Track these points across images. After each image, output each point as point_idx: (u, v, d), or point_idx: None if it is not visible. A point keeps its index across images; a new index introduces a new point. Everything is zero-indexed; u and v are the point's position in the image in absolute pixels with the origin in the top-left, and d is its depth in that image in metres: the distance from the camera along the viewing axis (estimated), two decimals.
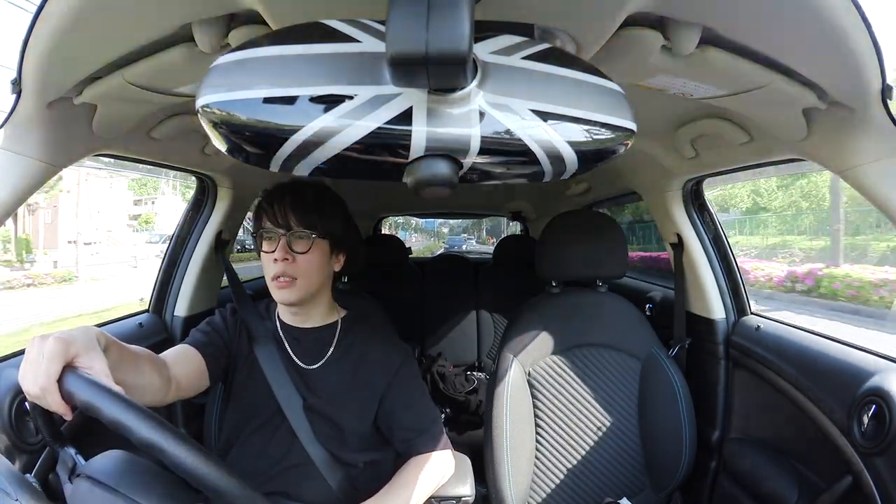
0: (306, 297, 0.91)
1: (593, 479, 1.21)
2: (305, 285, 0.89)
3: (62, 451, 0.58)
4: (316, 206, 0.89)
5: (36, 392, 0.51)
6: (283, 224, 0.87)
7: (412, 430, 0.93)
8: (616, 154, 0.46)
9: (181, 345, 0.89)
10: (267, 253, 0.88)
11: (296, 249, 0.87)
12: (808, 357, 1.03)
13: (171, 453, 0.48)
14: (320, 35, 0.41)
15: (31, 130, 0.71)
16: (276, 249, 0.87)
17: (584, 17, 0.53)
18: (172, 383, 0.78)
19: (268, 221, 0.88)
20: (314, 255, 0.89)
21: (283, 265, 0.87)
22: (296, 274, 0.88)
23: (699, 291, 1.32)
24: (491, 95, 0.42)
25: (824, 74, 0.64)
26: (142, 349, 0.74)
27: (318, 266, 0.90)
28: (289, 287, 0.88)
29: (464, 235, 18.37)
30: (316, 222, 0.88)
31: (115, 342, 0.64)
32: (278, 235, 0.87)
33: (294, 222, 0.87)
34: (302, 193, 0.90)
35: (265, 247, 0.89)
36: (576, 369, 1.24)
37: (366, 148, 0.41)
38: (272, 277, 0.88)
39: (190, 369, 0.84)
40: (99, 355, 0.56)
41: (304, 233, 0.88)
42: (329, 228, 0.90)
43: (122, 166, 14.87)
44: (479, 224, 18.05)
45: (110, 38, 0.59)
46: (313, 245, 0.88)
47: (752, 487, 1.12)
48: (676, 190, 1.30)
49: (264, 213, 0.89)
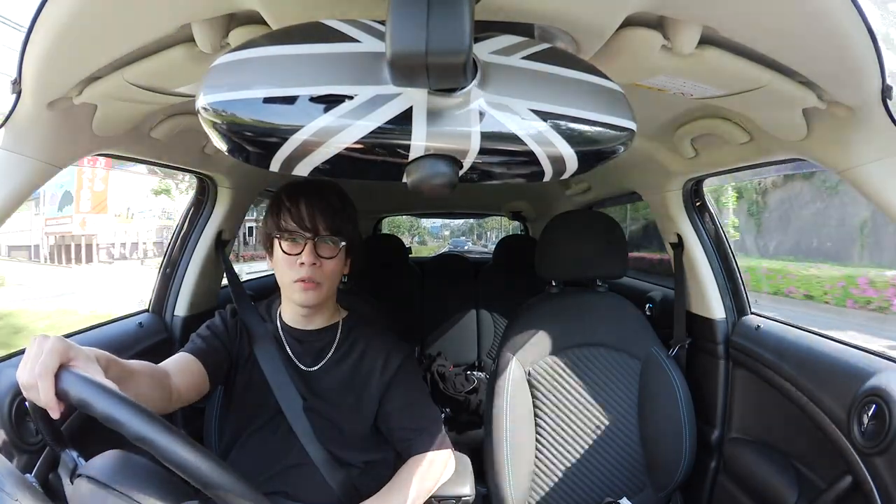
0: (324, 300, 0.92)
1: (593, 479, 1.21)
2: (327, 289, 0.90)
3: (64, 454, 0.59)
4: (342, 212, 0.88)
5: (31, 381, 0.51)
6: (311, 228, 0.86)
7: (412, 430, 0.93)
8: (616, 154, 0.46)
9: (181, 353, 0.88)
10: (290, 255, 0.87)
11: (322, 254, 0.86)
12: (808, 357, 1.03)
13: (162, 447, 0.48)
14: (320, 35, 0.41)
15: (31, 130, 0.71)
16: (303, 253, 0.85)
17: (584, 17, 0.53)
18: (174, 394, 0.78)
19: (292, 222, 0.86)
20: (338, 260, 0.89)
21: (310, 269, 0.85)
22: (321, 279, 0.87)
23: (699, 291, 1.32)
24: (491, 95, 0.42)
25: (824, 74, 0.63)
26: (141, 363, 0.73)
27: (339, 271, 0.90)
28: (314, 290, 0.87)
29: (463, 238, 19.41)
30: (342, 228, 0.88)
31: (114, 361, 0.64)
32: (304, 239, 0.86)
33: (323, 227, 0.86)
34: (327, 197, 0.88)
35: (287, 248, 0.87)
36: (576, 369, 1.24)
37: (366, 148, 0.41)
38: (295, 279, 0.86)
39: (190, 378, 0.84)
40: (97, 368, 0.57)
41: (333, 239, 0.87)
42: (352, 233, 0.90)
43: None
44: (473, 228, 19.25)
45: (110, 38, 0.59)
46: (339, 251, 0.88)
47: (752, 487, 1.12)
48: (676, 190, 1.30)
49: (287, 212, 0.86)
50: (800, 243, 9.14)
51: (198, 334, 0.94)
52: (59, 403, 0.52)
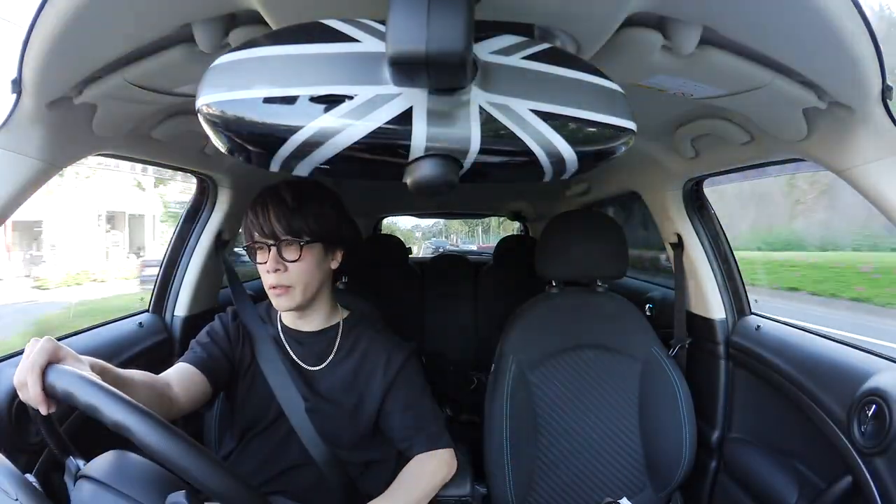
0: (305, 302, 0.90)
1: (593, 479, 1.21)
2: (302, 291, 0.87)
3: (68, 461, 0.59)
4: (299, 209, 0.86)
5: (21, 380, 0.53)
6: (270, 233, 0.85)
7: (415, 430, 0.92)
8: (616, 154, 0.46)
9: (181, 363, 0.87)
10: (260, 264, 0.87)
11: (287, 258, 0.85)
12: (808, 357, 1.03)
13: (141, 436, 0.48)
14: (320, 35, 0.41)
15: (31, 130, 0.71)
16: (268, 261, 0.85)
17: (584, 17, 0.53)
18: (174, 404, 0.78)
19: (255, 233, 0.86)
20: (306, 261, 0.86)
21: (276, 276, 0.85)
22: (290, 282, 0.86)
23: (699, 291, 1.32)
24: (491, 95, 0.42)
25: (824, 74, 0.63)
26: (140, 373, 0.73)
27: (311, 270, 0.88)
28: (285, 294, 0.86)
29: (444, 239, 20.46)
30: (302, 226, 0.86)
31: (110, 369, 0.64)
32: (267, 246, 0.85)
33: (280, 231, 0.85)
34: (282, 198, 0.86)
35: (258, 258, 0.87)
36: (575, 369, 1.24)
37: (366, 148, 0.41)
38: (269, 287, 0.87)
39: (192, 388, 0.83)
40: (85, 367, 0.57)
41: (292, 240, 0.85)
42: (318, 230, 0.87)
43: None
44: (442, 231, 19.89)
45: (110, 38, 0.59)
46: (303, 251, 0.86)
47: (752, 487, 1.12)
48: (676, 190, 1.30)
49: (251, 224, 0.87)
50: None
51: (198, 342, 0.93)
52: (48, 400, 0.53)
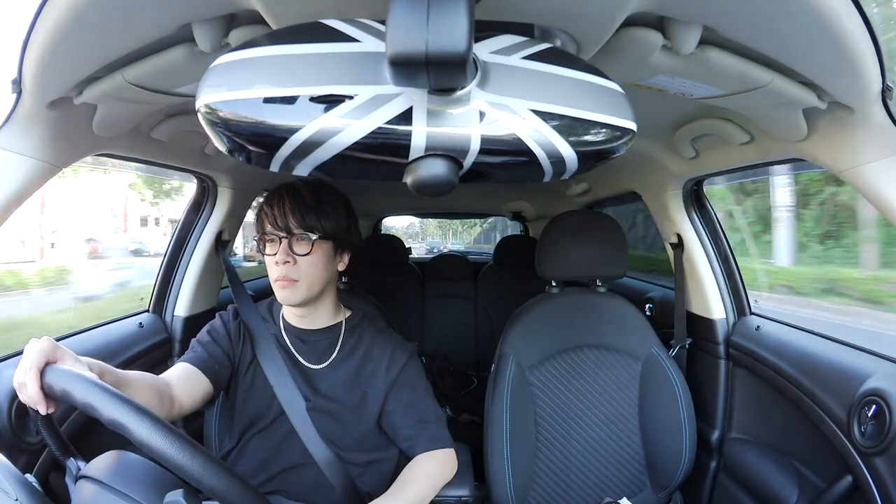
0: (309, 298, 0.91)
1: (593, 479, 1.21)
2: (308, 286, 0.89)
3: (69, 462, 0.59)
4: (315, 207, 0.89)
5: (20, 380, 0.53)
6: (284, 227, 0.87)
7: (416, 429, 0.92)
8: (616, 154, 0.46)
9: (182, 363, 0.88)
10: (269, 256, 0.89)
11: (297, 252, 0.87)
12: (808, 357, 1.03)
13: (137, 433, 0.48)
14: (320, 35, 0.41)
15: (31, 130, 0.71)
16: (278, 252, 0.87)
17: (584, 17, 0.53)
18: (175, 404, 0.78)
19: (268, 224, 0.88)
20: (316, 256, 0.88)
21: (284, 268, 0.87)
22: (297, 276, 0.87)
23: (699, 291, 1.32)
24: (491, 95, 0.42)
25: (824, 74, 0.63)
26: (140, 374, 0.73)
27: (320, 267, 0.90)
28: (291, 287, 0.88)
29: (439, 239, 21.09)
30: (315, 223, 0.88)
31: (109, 370, 0.64)
32: (279, 238, 0.87)
33: (294, 225, 0.87)
34: (300, 195, 0.89)
35: (268, 250, 0.89)
36: (575, 369, 1.24)
37: (366, 148, 0.41)
38: (275, 279, 0.88)
39: (194, 387, 0.84)
40: (83, 367, 0.57)
41: (305, 235, 0.87)
42: (330, 229, 0.90)
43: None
44: (417, 232, 20.51)
45: (110, 38, 0.59)
46: (314, 246, 0.88)
47: (752, 487, 1.12)
48: (676, 190, 1.30)
49: (265, 216, 0.89)
50: None
51: (198, 341, 0.93)
52: (47, 400, 0.53)
